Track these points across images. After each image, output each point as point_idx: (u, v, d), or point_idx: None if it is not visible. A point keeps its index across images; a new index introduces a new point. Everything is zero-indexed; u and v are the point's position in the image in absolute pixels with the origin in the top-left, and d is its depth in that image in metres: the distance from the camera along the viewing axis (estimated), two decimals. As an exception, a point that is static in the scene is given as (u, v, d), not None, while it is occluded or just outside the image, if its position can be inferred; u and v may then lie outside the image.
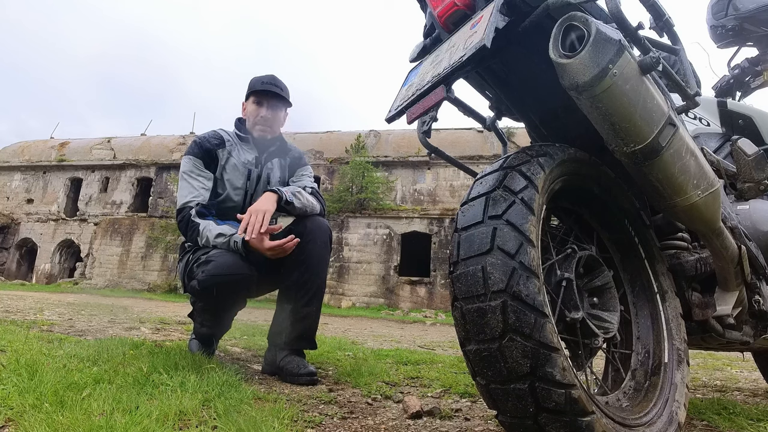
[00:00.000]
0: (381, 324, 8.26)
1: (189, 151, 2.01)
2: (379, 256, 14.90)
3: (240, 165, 2.03)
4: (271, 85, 2.06)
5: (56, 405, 1.07)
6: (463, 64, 0.93)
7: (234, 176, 2.02)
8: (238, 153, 2.05)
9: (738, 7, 1.87)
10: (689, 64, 1.09)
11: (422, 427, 1.31)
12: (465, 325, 0.87)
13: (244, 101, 2.15)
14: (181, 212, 1.92)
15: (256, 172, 2.06)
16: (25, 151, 19.86)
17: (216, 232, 1.82)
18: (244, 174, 2.04)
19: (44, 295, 9.03)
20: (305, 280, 1.88)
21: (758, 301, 1.37)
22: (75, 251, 18.02)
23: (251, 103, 2.09)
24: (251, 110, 2.08)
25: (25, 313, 3.81)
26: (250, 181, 2.05)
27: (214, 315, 2.00)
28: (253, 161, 2.07)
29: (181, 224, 1.92)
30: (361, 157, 15.41)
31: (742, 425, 1.41)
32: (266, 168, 2.10)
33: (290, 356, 1.84)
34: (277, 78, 2.11)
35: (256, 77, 2.11)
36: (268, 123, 2.07)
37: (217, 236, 1.82)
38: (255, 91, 2.07)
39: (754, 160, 1.53)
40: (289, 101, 2.13)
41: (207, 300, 1.89)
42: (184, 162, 1.99)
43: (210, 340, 2.09)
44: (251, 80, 2.11)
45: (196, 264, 1.84)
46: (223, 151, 2.02)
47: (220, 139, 2.05)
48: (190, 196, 1.92)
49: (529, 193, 0.91)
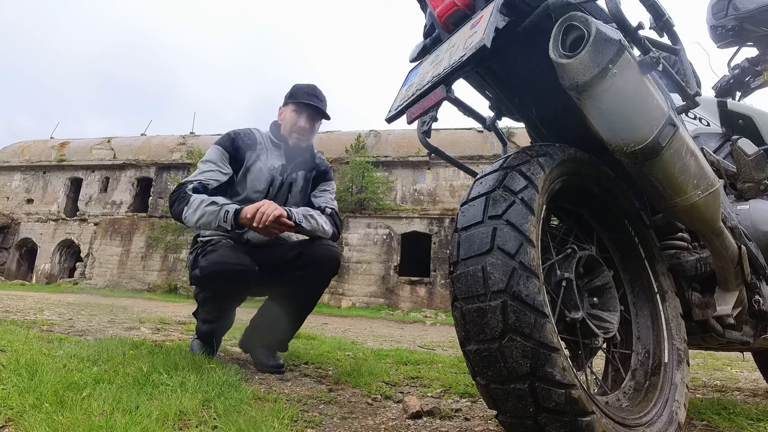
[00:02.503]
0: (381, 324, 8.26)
1: (220, 142, 2.02)
2: (379, 256, 14.89)
3: (265, 170, 2.05)
4: (312, 97, 2.07)
5: (56, 405, 1.07)
6: (463, 64, 0.93)
7: (257, 179, 2.03)
8: (267, 157, 2.07)
9: (738, 7, 1.87)
10: (689, 64, 1.09)
11: (422, 427, 1.31)
12: (465, 325, 0.87)
13: (282, 106, 2.15)
14: (178, 186, 1.90)
15: (279, 179, 2.08)
16: (25, 151, 19.85)
17: (209, 201, 1.79)
18: (267, 179, 2.05)
19: (44, 295, 9.03)
20: (299, 303, 2.04)
21: (758, 301, 1.37)
22: (75, 251, 18.02)
23: (290, 110, 2.08)
24: (289, 118, 2.08)
25: (25, 313, 3.81)
26: (272, 187, 2.06)
27: (215, 307, 2.02)
28: (279, 168, 2.08)
29: (172, 196, 1.90)
30: (361, 157, 15.41)
31: (742, 425, 1.41)
32: (290, 177, 2.11)
33: (263, 348, 2.04)
34: (318, 89, 2.12)
35: (299, 85, 2.12)
36: (304, 134, 2.08)
37: (210, 204, 1.78)
38: (296, 102, 2.07)
39: (754, 160, 1.53)
40: (327, 115, 2.13)
41: (208, 287, 1.95)
42: (211, 150, 2.00)
43: (211, 340, 2.09)
44: (293, 88, 2.12)
45: (201, 255, 1.90)
46: (252, 153, 2.04)
47: (254, 140, 2.07)
48: (195, 177, 1.92)
49: (529, 193, 0.91)
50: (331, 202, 2.14)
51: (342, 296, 14.44)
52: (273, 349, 2.05)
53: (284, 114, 2.12)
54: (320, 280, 2.01)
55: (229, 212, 1.75)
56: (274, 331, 2.04)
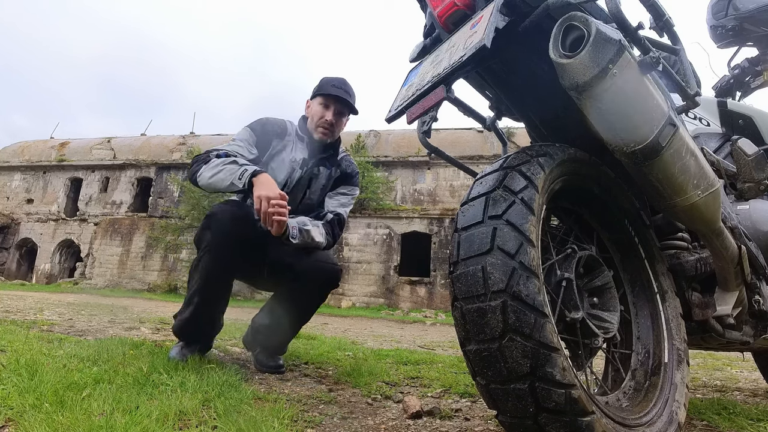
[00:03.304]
0: (381, 324, 8.26)
1: (251, 125, 2.01)
2: (379, 256, 14.89)
3: (287, 161, 2.02)
4: (341, 90, 2.01)
5: (56, 405, 1.07)
6: (463, 64, 0.93)
7: (278, 169, 2.00)
8: (292, 149, 2.04)
9: (738, 7, 1.87)
10: (689, 64, 1.08)
11: (422, 427, 1.31)
12: (465, 325, 0.87)
13: (310, 99, 2.10)
14: (205, 152, 1.85)
15: (299, 173, 2.03)
16: (25, 151, 19.85)
17: (231, 159, 1.74)
18: (288, 171, 2.01)
19: (44, 295, 9.03)
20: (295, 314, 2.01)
21: (758, 301, 1.37)
22: (75, 251, 18.02)
23: (317, 103, 2.04)
24: (316, 111, 2.03)
25: (25, 313, 3.81)
26: (290, 179, 2.02)
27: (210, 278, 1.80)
28: (300, 161, 2.03)
29: (195, 158, 1.85)
30: (361, 157, 15.40)
31: (742, 425, 1.41)
32: (311, 172, 2.06)
33: (263, 349, 2.04)
34: (347, 83, 2.06)
35: (327, 78, 2.06)
36: (331, 128, 2.03)
37: (231, 162, 1.73)
38: (323, 94, 2.02)
39: (754, 160, 1.53)
40: (355, 109, 2.07)
41: (215, 230, 1.78)
42: (241, 131, 2.00)
43: (197, 334, 1.90)
44: (322, 80, 2.07)
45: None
46: (279, 142, 2.02)
47: (284, 129, 2.05)
48: (222, 147, 1.88)
49: (529, 193, 0.91)
50: (340, 208, 2.07)
51: (342, 296, 14.44)
52: (270, 352, 2.04)
53: (311, 107, 2.07)
54: (316, 295, 2.00)
55: (247, 170, 1.69)
56: (270, 336, 2.03)
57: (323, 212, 2.04)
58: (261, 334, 2.05)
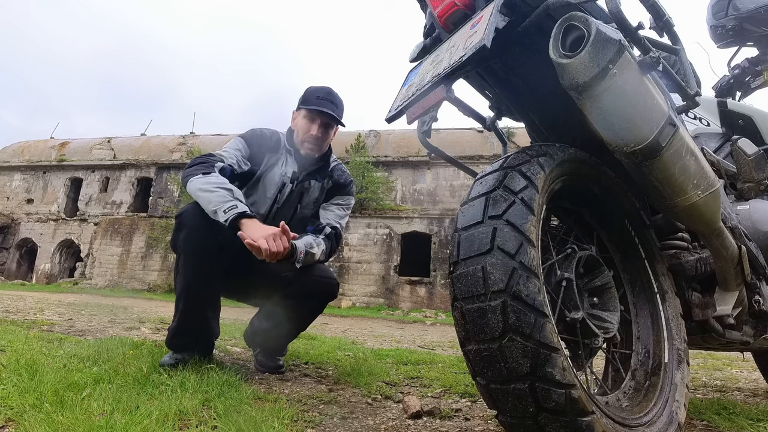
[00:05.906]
0: (381, 324, 8.26)
1: (245, 135, 1.96)
2: (379, 256, 14.90)
3: (278, 175, 1.95)
4: (326, 102, 1.92)
5: (56, 405, 1.07)
6: (463, 64, 0.93)
7: (270, 184, 1.95)
8: (283, 163, 1.97)
9: (738, 7, 1.87)
10: (689, 64, 1.08)
11: (422, 427, 1.31)
12: (465, 325, 0.87)
13: (295, 111, 2.02)
14: (209, 155, 1.80)
15: (289, 187, 1.96)
16: (25, 151, 19.85)
17: (228, 186, 1.67)
18: (277, 185, 1.94)
19: (44, 295, 9.03)
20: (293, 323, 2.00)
21: (758, 301, 1.37)
22: (75, 251, 18.02)
23: (302, 117, 1.95)
24: (301, 125, 1.95)
25: (25, 313, 3.81)
26: (280, 194, 1.95)
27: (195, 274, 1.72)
28: (290, 176, 1.96)
29: (197, 158, 1.78)
30: (361, 157, 15.42)
31: (742, 425, 1.41)
32: (302, 186, 1.99)
33: (263, 349, 2.05)
34: (333, 93, 1.97)
35: (313, 88, 1.98)
36: (317, 142, 1.94)
37: (226, 189, 1.65)
38: (308, 108, 1.93)
39: (754, 160, 1.53)
40: (341, 122, 1.97)
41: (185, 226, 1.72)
42: (235, 140, 1.95)
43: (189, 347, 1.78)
44: (307, 91, 1.99)
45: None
46: (272, 156, 1.96)
47: (277, 143, 1.98)
48: (226, 154, 1.84)
49: (529, 193, 0.91)
50: (336, 221, 1.99)
51: (342, 296, 14.44)
52: (269, 352, 2.04)
53: (296, 120, 1.99)
54: (315, 308, 2.00)
55: (236, 209, 1.60)
56: (269, 339, 2.03)
57: (321, 225, 1.95)
58: (259, 336, 2.06)
